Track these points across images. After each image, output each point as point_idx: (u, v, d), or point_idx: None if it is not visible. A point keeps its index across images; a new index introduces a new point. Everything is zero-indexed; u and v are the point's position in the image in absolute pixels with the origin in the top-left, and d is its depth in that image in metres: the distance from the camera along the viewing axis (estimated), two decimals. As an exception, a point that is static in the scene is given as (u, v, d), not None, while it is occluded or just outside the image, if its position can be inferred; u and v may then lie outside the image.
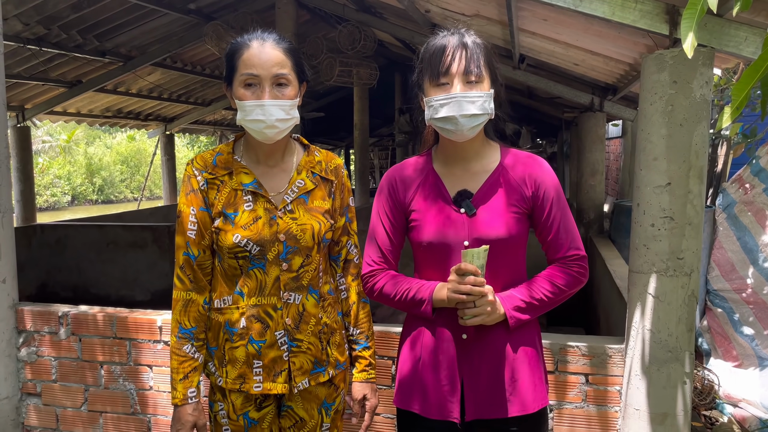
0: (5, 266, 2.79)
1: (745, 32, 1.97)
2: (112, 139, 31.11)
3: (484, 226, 1.65)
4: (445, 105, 1.59)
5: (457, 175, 1.72)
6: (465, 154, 1.72)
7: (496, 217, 1.65)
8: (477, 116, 1.60)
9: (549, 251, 1.72)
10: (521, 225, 1.67)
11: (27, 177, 7.97)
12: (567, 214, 1.71)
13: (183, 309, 1.76)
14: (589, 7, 2.09)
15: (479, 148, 1.73)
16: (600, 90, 5.21)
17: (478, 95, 1.59)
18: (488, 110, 1.62)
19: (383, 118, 14.06)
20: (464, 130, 1.61)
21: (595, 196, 5.93)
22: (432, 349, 1.71)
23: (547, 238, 1.70)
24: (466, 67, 1.59)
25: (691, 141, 2.08)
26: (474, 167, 1.72)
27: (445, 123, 1.61)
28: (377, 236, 1.78)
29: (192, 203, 1.75)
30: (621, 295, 3.43)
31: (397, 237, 1.77)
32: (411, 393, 1.75)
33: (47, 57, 6.57)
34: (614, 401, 2.39)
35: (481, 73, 1.61)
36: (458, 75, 1.60)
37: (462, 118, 1.59)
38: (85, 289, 7.14)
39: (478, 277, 1.56)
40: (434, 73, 1.62)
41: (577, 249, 1.69)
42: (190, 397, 1.75)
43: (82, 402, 2.86)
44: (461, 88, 1.59)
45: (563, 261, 1.69)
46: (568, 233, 1.69)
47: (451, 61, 1.60)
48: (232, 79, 1.71)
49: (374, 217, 1.80)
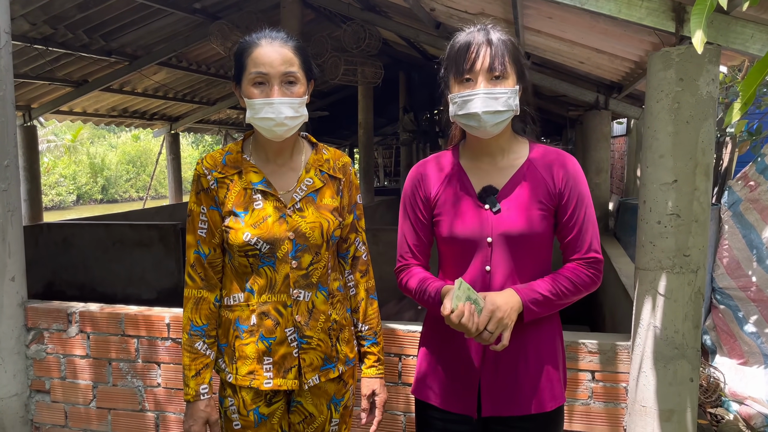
0: (14, 264, 2.81)
1: (751, 29, 1.98)
2: (117, 138, 31.20)
3: (508, 222, 1.64)
4: (469, 101, 1.58)
5: (484, 170, 1.71)
6: (491, 150, 1.71)
7: (521, 213, 1.64)
8: (500, 113, 1.58)
9: (567, 250, 1.69)
10: (546, 222, 1.66)
11: (34, 176, 8.02)
12: (591, 215, 1.68)
13: (194, 306, 1.78)
14: (595, 4, 2.10)
15: (506, 144, 1.71)
16: (605, 88, 5.21)
17: (502, 92, 1.58)
18: (512, 107, 1.60)
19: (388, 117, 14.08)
20: (487, 127, 1.60)
21: (600, 195, 5.94)
22: (451, 342, 1.72)
23: (567, 237, 1.67)
24: (490, 64, 1.58)
25: (698, 138, 2.08)
26: (500, 163, 1.71)
27: (468, 119, 1.61)
28: (405, 232, 1.79)
29: (202, 202, 1.77)
30: (627, 293, 3.43)
31: (423, 232, 1.77)
32: (429, 384, 1.76)
33: (54, 56, 6.60)
34: (621, 398, 2.40)
35: (505, 69, 1.59)
36: (482, 72, 1.58)
37: (485, 114, 1.57)
38: (91, 288, 7.17)
39: (464, 313, 1.52)
40: (459, 69, 1.61)
41: (596, 252, 1.67)
42: (202, 393, 1.77)
43: (91, 399, 2.88)
44: (485, 84, 1.58)
45: (580, 262, 1.66)
46: (588, 235, 1.66)
47: (475, 58, 1.59)
48: (240, 77, 1.72)
49: (402, 213, 1.80)
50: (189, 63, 8.39)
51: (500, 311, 1.54)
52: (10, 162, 2.76)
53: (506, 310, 1.55)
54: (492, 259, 1.66)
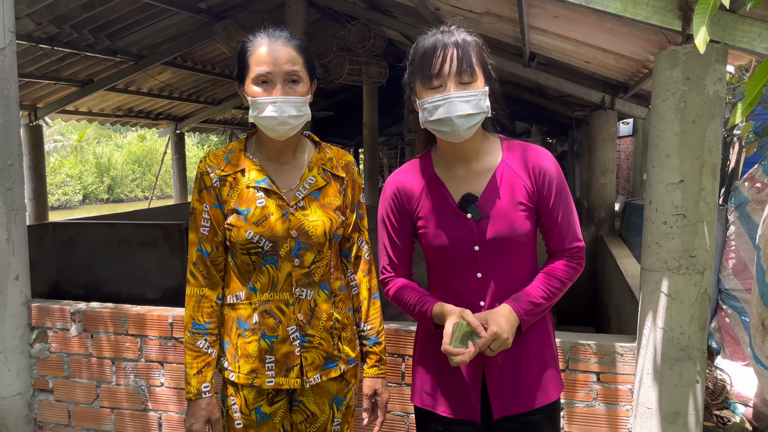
0: (18, 263, 2.81)
1: (759, 28, 1.96)
2: (122, 138, 31.31)
3: (493, 229, 1.64)
4: (440, 107, 1.56)
5: (460, 177, 1.69)
6: (465, 154, 1.69)
7: (504, 218, 1.64)
8: (473, 116, 1.56)
9: (551, 242, 1.71)
10: (529, 221, 1.66)
11: (39, 176, 8.04)
12: (570, 205, 1.69)
13: (196, 305, 1.78)
14: (601, 3, 2.08)
15: (479, 146, 1.69)
16: (611, 88, 5.19)
17: (473, 94, 1.55)
18: (483, 108, 1.58)
19: (393, 117, 14.06)
20: (461, 131, 1.57)
21: (606, 195, 5.91)
22: None
23: (550, 230, 1.69)
24: (458, 67, 1.55)
25: (704, 138, 2.06)
26: (476, 167, 1.69)
27: (440, 125, 1.58)
28: (386, 244, 1.78)
29: (205, 200, 1.76)
30: (632, 294, 3.41)
31: (404, 242, 1.77)
32: (430, 392, 1.75)
33: (59, 56, 6.62)
34: (625, 400, 2.38)
35: (474, 71, 1.57)
36: (451, 76, 1.55)
37: (458, 119, 1.55)
38: (96, 287, 7.18)
39: (461, 354, 1.54)
40: (426, 75, 1.57)
41: (579, 240, 1.69)
42: (204, 392, 1.76)
43: (94, 398, 2.88)
44: (455, 88, 1.55)
45: (565, 253, 1.68)
46: (570, 225, 1.68)
47: (442, 62, 1.55)
48: (244, 76, 1.71)
49: (380, 226, 1.79)
50: (194, 63, 8.41)
51: (505, 332, 1.56)
52: (14, 161, 2.77)
53: (508, 330, 1.58)
54: (482, 266, 1.66)
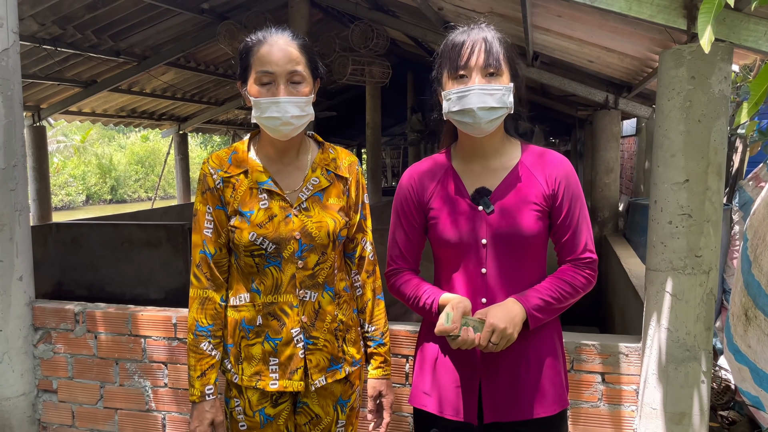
0: (22, 264, 2.81)
1: (764, 27, 1.95)
2: (126, 139, 31.36)
3: (502, 223, 1.63)
4: (463, 97, 1.57)
5: (476, 172, 1.70)
6: (484, 151, 1.70)
7: (515, 215, 1.63)
8: (495, 109, 1.57)
9: (562, 251, 1.69)
10: (541, 223, 1.65)
11: (43, 176, 8.06)
12: (585, 215, 1.68)
13: (200, 307, 1.77)
14: (606, 2, 2.07)
15: (498, 145, 1.70)
16: (615, 87, 5.17)
17: (497, 88, 1.57)
18: (507, 104, 1.59)
19: (395, 117, 14.06)
20: (482, 123, 1.58)
21: (610, 195, 5.91)
22: (449, 350, 1.70)
23: (562, 238, 1.67)
24: (485, 60, 1.57)
25: (710, 137, 2.05)
26: (493, 164, 1.69)
27: (462, 116, 1.59)
28: (397, 236, 1.78)
29: (208, 202, 1.75)
30: (637, 294, 3.40)
31: (416, 236, 1.77)
32: (427, 392, 1.74)
33: (62, 57, 6.63)
34: (630, 400, 2.37)
35: (500, 66, 1.59)
36: (477, 68, 1.58)
37: (480, 110, 1.56)
38: (100, 288, 7.20)
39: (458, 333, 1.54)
40: (453, 65, 1.60)
41: (591, 252, 1.67)
42: (208, 394, 1.76)
43: (98, 399, 2.88)
44: (480, 80, 1.57)
45: (576, 263, 1.66)
46: (583, 235, 1.67)
47: (470, 54, 1.58)
48: (246, 77, 1.71)
49: (393, 217, 1.79)
50: (197, 63, 8.42)
51: (502, 323, 1.53)
52: (17, 162, 2.76)
53: (507, 321, 1.54)
54: (487, 261, 1.65)
